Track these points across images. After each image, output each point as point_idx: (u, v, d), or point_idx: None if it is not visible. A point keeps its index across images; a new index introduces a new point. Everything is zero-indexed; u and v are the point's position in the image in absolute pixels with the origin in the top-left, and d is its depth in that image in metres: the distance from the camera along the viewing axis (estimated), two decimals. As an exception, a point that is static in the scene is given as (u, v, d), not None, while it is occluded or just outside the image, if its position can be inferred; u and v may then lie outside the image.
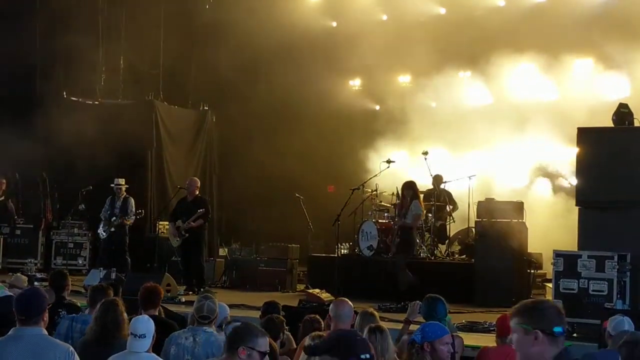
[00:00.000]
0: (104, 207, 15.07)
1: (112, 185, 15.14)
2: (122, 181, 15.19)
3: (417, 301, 7.47)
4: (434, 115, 16.87)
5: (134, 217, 14.99)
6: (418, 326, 5.86)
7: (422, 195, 13.57)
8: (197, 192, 14.47)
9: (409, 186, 13.04)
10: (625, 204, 10.33)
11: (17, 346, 5.16)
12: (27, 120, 16.50)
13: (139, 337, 5.56)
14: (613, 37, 14.44)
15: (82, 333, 6.94)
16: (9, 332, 5.29)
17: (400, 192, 13.39)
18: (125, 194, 15.12)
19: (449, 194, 15.44)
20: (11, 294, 5.71)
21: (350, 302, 6.38)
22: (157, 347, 5.95)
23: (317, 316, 7.50)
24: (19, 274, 10.00)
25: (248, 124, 18.78)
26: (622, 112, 10.76)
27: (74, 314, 7.54)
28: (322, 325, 7.19)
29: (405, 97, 17.66)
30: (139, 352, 5.56)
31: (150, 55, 18.51)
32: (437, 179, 15.31)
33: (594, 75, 15.39)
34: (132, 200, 15.08)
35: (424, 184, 15.11)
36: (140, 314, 6.60)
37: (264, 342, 4.55)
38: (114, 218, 14.81)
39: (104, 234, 14.93)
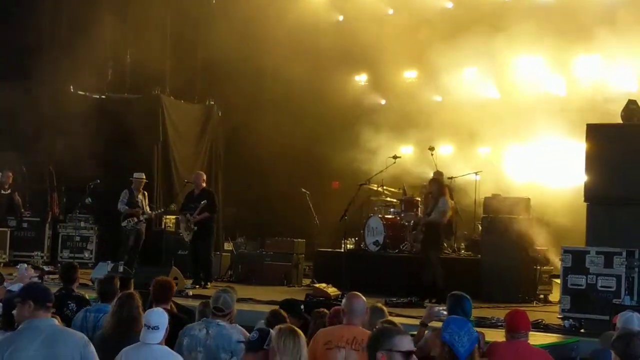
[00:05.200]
0: (122, 200, 14.75)
1: (133, 178, 14.92)
2: (143, 175, 15.17)
3: (436, 305, 7.45)
4: (440, 110, 16.83)
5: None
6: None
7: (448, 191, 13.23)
8: (204, 185, 14.50)
9: (436, 181, 12.96)
10: (634, 200, 10.35)
11: (32, 337, 5.16)
12: (34, 114, 16.51)
13: (152, 329, 5.59)
14: (620, 31, 14.39)
15: (95, 322, 7.00)
16: (22, 324, 5.28)
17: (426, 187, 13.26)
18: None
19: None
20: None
21: (363, 297, 6.35)
22: (168, 342, 5.95)
23: (325, 310, 7.51)
24: (23, 266, 9.08)
25: (254, 118, 18.74)
26: (631, 109, 10.77)
27: (87, 306, 7.58)
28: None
29: (412, 92, 17.63)
30: (151, 343, 5.59)
31: (156, 50, 18.49)
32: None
33: (601, 70, 15.35)
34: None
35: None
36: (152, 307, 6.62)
37: (402, 341, 4.16)
38: (143, 212, 14.78)
39: (135, 226, 14.69)
